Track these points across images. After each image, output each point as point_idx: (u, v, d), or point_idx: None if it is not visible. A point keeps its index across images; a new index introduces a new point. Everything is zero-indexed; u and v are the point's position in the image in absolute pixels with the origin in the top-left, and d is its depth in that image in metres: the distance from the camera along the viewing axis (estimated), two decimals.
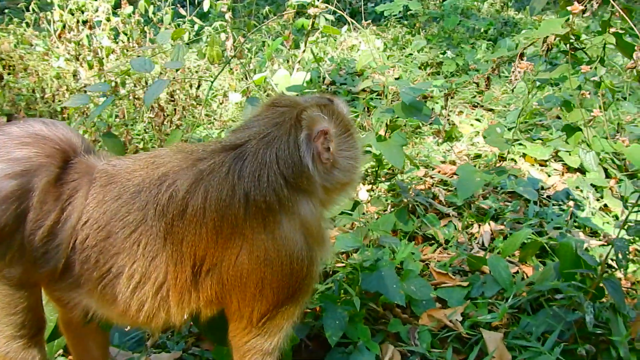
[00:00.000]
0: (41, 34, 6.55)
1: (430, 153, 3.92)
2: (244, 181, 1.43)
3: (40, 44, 6.05)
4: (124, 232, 1.44)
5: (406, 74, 5.84)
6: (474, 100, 5.14)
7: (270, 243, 1.44)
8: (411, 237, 2.91)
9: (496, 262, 2.39)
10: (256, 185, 1.43)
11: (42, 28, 6.61)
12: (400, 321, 2.25)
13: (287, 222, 1.46)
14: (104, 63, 5.33)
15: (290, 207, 1.46)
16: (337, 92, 5.41)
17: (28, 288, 1.48)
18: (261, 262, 1.44)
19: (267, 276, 1.46)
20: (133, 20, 6.60)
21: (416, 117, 2.76)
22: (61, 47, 6.24)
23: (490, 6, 9.21)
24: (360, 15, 9.74)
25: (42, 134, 1.48)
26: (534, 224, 2.92)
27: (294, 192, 1.48)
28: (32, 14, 6.57)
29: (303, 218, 1.49)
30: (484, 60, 6.43)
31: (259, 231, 1.43)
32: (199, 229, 1.43)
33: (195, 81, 5.16)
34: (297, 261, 1.47)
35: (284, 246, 1.45)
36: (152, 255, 1.45)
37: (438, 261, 2.71)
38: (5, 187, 1.35)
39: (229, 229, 1.43)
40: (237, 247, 1.44)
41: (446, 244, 2.87)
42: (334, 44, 7.33)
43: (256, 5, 8.82)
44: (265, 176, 1.44)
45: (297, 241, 1.47)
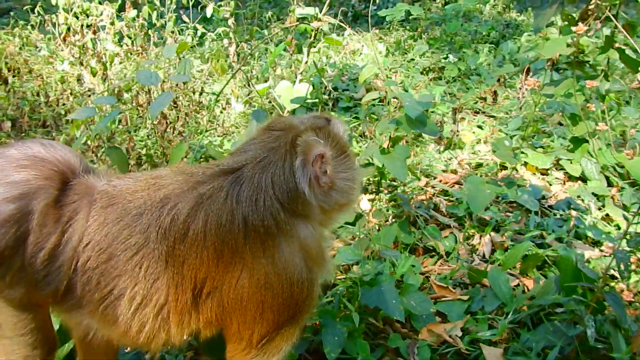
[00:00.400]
0: (46, 37, 6.58)
1: (432, 162, 3.92)
2: (242, 206, 1.46)
3: (45, 47, 6.08)
4: (126, 255, 1.46)
5: (408, 79, 5.84)
6: (476, 107, 5.13)
7: (270, 267, 1.45)
8: (412, 249, 2.92)
9: (496, 276, 2.40)
10: (254, 209, 1.45)
11: (48, 31, 6.64)
12: (400, 336, 2.26)
13: (286, 246, 1.47)
14: (108, 68, 5.34)
15: (289, 231, 1.48)
16: (339, 98, 5.41)
17: (33, 309, 1.50)
18: (261, 285, 1.46)
19: (267, 299, 1.47)
20: (137, 24, 6.63)
21: (421, 131, 2.77)
22: (66, 51, 6.27)
23: (492, 8, 9.20)
24: (363, 18, 9.77)
25: (40, 156, 1.50)
26: (535, 235, 2.92)
27: (291, 216, 1.50)
28: (37, 17, 6.60)
29: (302, 241, 1.51)
30: (486, 63, 6.43)
31: (258, 255, 1.45)
32: (200, 253, 1.44)
33: (198, 87, 5.17)
34: (297, 284, 1.49)
35: (284, 270, 1.46)
36: (154, 278, 1.46)
37: (439, 274, 2.71)
38: (4, 210, 1.37)
39: (230, 253, 1.45)
40: (238, 271, 1.46)
41: (447, 256, 2.88)
42: (336, 48, 7.32)
43: (260, 9, 8.83)
44: (262, 201, 1.46)
45: (296, 264, 1.48)
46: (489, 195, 2.44)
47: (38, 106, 4.61)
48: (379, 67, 5.88)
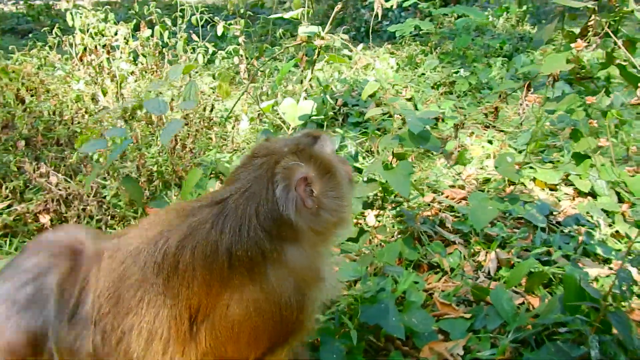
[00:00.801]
0: (63, 57, 6.74)
1: (439, 177, 3.90)
2: (226, 237, 1.48)
3: (62, 67, 6.22)
4: (130, 293, 1.52)
5: (418, 94, 5.85)
6: (486, 121, 5.11)
7: (259, 294, 1.47)
8: (416, 265, 2.90)
9: (499, 294, 2.37)
10: (237, 240, 1.47)
11: (65, 51, 6.81)
12: (401, 354, 2.24)
13: (274, 273, 1.48)
14: (121, 86, 5.45)
15: (276, 258, 1.49)
16: (349, 113, 5.44)
17: None
18: (252, 312, 1.47)
19: (259, 325, 1.49)
20: (151, 43, 6.77)
21: (424, 147, 2.77)
22: (82, 70, 6.42)
23: (506, 21, 9.19)
24: (376, 34, 9.83)
25: (48, 239, 1.62)
26: (541, 252, 2.89)
27: (279, 243, 1.50)
28: (55, 38, 6.78)
29: (292, 265, 1.52)
30: (498, 77, 6.41)
31: (246, 283, 1.47)
32: (191, 283, 1.48)
33: (209, 104, 5.25)
34: (287, 308, 1.50)
35: (272, 296, 1.48)
36: (155, 312, 1.51)
37: (442, 291, 2.69)
38: (22, 297, 1.49)
39: (217, 282, 1.48)
40: (227, 299, 1.48)
41: (452, 273, 2.85)
42: (348, 63, 7.36)
43: (273, 25, 8.95)
44: (245, 231, 1.48)
45: (285, 289, 1.49)
46: (491, 211, 2.42)
47: (53, 125, 4.70)
48: (387, 82, 5.91)
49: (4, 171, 3.93)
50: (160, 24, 6.21)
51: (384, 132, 5.04)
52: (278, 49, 7.37)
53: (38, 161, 3.97)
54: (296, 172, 1.54)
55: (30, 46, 6.81)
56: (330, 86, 5.80)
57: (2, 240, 3.42)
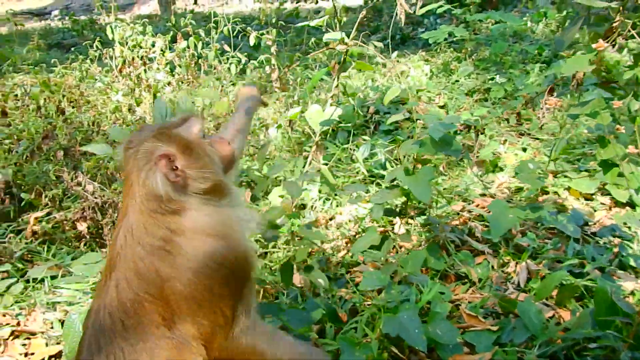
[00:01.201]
0: (104, 69, 6.98)
1: (470, 185, 3.83)
2: (136, 240, 1.63)
3: (101, 79, 6.44)
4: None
5: (451, 101, 5.77)
6: (520, 129, 4.99)
7: (191, 264, 1.61)
8: (443, 275, 2.85)
9: (527, 307, 2.30)
10: (143, 236, 1.63)
11: (105, 64, 7.06)
12: None
13: (187, 242, 1.63)
14: (156, 97, 5.59)
15: (179, 230, 1.64)
16: (380, 121, 5.41)
17: None
18: (196, 281, 1.60)
19: (211, 286, 1.63)
20: (187, 54, 6.93)
21: (446, 152, 2.74)
22: (121, 81, 6.63)
23: (545, 27, 8.98)
24: (411, 40, 9.77)
25: None
26: (574, 264, 2.79)
27: (172, 217, 1.65)
28: (96, 51, 7.03)
29: (196, 229, 1.66)
30: (536, 84, 6.26)
31: (174, 264, 1.60)
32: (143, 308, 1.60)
33: None
34: (221, 261, 1.64)
35: (202, 260, 1.62)
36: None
37: (469, 302, 2.63)
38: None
39: (158, 279, 1.60)
40: (173, 283, 1.60)
41: (479, 284, 2.79)
42: (376, 70, 7.34)
43: (308, 35, 9.02)
44: (140, 224, 1.64)
45: (204, 249, 1.63)
46: (511, 220, 2.36)
47: (91, 135, 4.86)
48: (420, 89, 5.85)
49: (44, 180, 4.09)
50: (195, 35, 6.35)
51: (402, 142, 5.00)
52: (310, 58, 7.42)
53: (76, 170, 4.10)
54: (155, 152, 1.66)
55: (73, 59, 7.08)
56: (357, 93, 5.79)
57: (41, 247, 3.55)
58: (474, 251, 3.04)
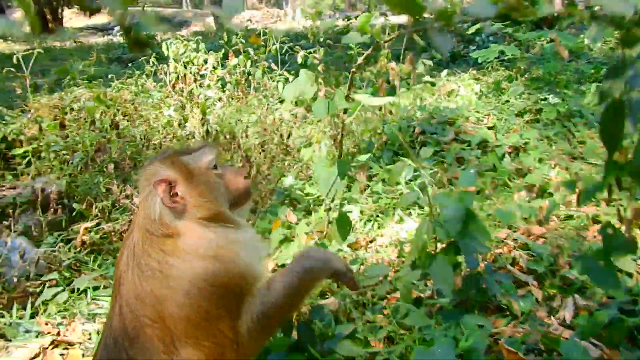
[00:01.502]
0: (158, 85, 7.23)
1: (517, 211, 3.70)
2: (137, 256, 1.71)
3: (154, 95, 6.66)
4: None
5: (501, 122, 5.62)
6: (574, 152, 4.79)
7: (184, 285, 1.65)
8: (483, 307, 2.75)
9: (572, 346, 2.18)
10: (142, 255, 1.70)
11: (160, 79, 7.31)
12: None
13: (180, 263, 1.67)
14: (206, 113, 5.72)
15: (172, 251, 1.69)
16: (426, 142, 5.33)
17: None
18: (191, 303, 1.63)
19: (206, 309, 1.65)
20: (238, 71, 7.08)
21: None
22: (174, 97, 6.84)
23: (604, 44, 8.66)
24: (462, 59, 9.62)
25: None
26: (626, 301, 2.62)
27: (170, 239, 1.71)
28: (152, 66, 7.30)
29: (191, 250, 1.70)
30: (592, 104, 6.02)
31: (167, 285, 1.64)
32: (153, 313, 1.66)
33: (286, 131, 5.37)
34: (213, 281, 1.66)
35: (194, 281, 1.65)
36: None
37: (510, 337, 2.52)
38: None
39: (155, 302, 1.65)
40: (170, 307, 1.64)
41: (522, 317, 2.67)
42: (431, 89, 7.25)
43: (360, 54, 9.03)
44: (140, 243, 1.72)
45: (199, 269, 1.67)
46: None
47: (141, 149, 5.02)
48: (469, 109, 5.73)
49: (95, 191, 4.25)
50: (244, 53, 6.49)
51: (463, 161, 4.89)
52: (360, 77, 7.42)
53: (125, 183, 4.25)
54: (156, 175, 1.77)
55: (129, 74, 7.38)
56: (404, 113, 5.74)
57: (88, 256, 3.68)
58: (517, 282, 2.91)
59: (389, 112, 6.21)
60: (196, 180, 1.81)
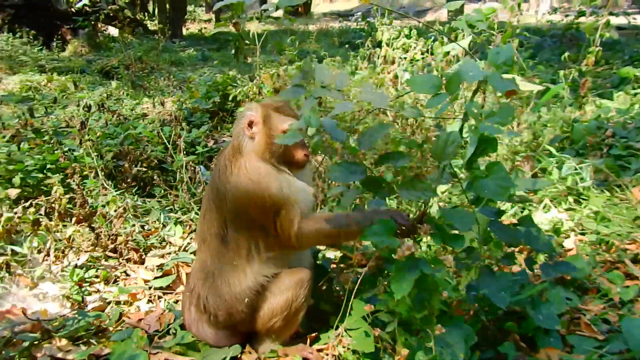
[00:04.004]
0: (369, 66, 8.08)
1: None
2: (223, 156, 2.58)
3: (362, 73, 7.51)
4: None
5: None
6: None
7: (234, 190, 2.44)
8: (583, 288, 2.89)
9: (631, 322, 2.30)
10: (225, 157, 2.54)
11: (373, 62, 8.15)
12: (514, 347, 2.39)
13: (237, 172, 2.45)
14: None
15: (236, 163, 2.46)
16: (613, 145, 5.13)
17: None
18: (237, 202, 2.45)
19: (246, 211, 2.46)
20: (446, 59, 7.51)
21: None
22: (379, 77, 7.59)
23: None
24: None
25: None
26: None
27: (240, 154, 2.49)
28: (367, 50, 8.19)
29: (244, 168, 2.43)
30: None
31: (227, 183, 2.46)
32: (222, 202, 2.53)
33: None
34: (255, 191, 2.40)
35: (240, 189, 2.43)
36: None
37: (596, 315, 2.67)
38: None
39: (221, 190, 2.51)
40: (231, 199, 2.47)
41: (620, 304, 2.76)
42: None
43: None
44: (227, 151, 2.59)
45: (249, 180, 2.41)
46: None
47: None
48: None
49: None
50: (440, 40, 6.87)
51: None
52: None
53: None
54: (248, 110, 2.52)
55: (354, 56, 8.39)
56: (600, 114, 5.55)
57: None
58: (630, 275, 2.96)
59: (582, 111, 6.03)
60: (268, 129, 2.47)
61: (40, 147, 4.86)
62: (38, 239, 3.63)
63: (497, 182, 2.06)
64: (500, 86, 2.02)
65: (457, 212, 2.18)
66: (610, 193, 4.07)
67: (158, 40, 11.25)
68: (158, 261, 3.67)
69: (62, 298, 3.20)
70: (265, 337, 2.60)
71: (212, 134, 6.31)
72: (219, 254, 2.52)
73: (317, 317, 2.77)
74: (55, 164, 4.59)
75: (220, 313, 2.53)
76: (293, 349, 2.58)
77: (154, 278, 3.48)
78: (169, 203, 4.53)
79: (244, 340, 2.67)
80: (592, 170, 4.31)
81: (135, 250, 3.76)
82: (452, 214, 2.16)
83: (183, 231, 4.09)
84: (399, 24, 9.13)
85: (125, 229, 3.89)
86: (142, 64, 10.58)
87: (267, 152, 2.48)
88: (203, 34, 21.72)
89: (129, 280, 3.52)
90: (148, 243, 3.91)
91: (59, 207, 3.85)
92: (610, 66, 9.92)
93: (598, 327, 2.58)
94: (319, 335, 2.67)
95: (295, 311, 2.51)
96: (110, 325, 2.91)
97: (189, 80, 8.94)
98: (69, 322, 2.84)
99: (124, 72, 9.99)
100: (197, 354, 2.60)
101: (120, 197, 4.30)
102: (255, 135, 2.49)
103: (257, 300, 2.51)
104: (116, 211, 3.95)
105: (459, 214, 2.16)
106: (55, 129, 5.43)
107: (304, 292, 2.50)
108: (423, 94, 2.06)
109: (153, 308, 3.16)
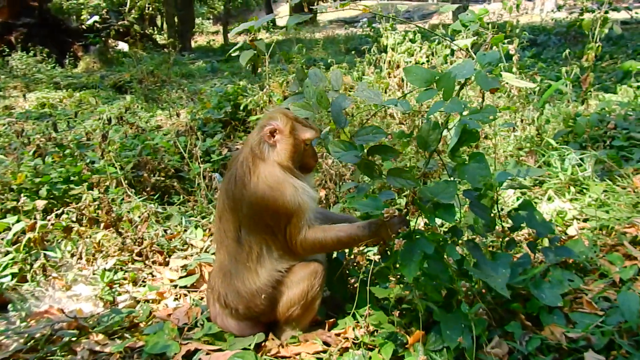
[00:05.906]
0: (376, 71, 8.27)
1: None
2: (240, 162, 2.67)
3: (370, 78, 7.70)
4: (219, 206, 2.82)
5: None
6: None
7: (251, 197, 2.56)
8: (585, 270, 3.05)
9: (627, 296, 2.45)
10: (240, 162, 2.66)
11: (380, 67, 8.33)
12: (520, 325, 2.56)
13: (255, 180, 2.57)
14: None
15: (255, 168, 2.59)
16: (615, 136, 5.28)
17: None
18: (254, 208, 2.58)
19: (267, 208, 2.57)
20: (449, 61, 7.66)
21: None
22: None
23: None
24: None
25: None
26: None
27: (258, 161, 2.61)
28: (373, 55, 8.36)
29: (261, 172, 2.57)
30: None
31: (244, 189, 2.59)
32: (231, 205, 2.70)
33: None
34: (270, 197, 2.53)
35: (257, 196, 2.55)
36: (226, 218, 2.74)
37: (597, 293, 2.82)
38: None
39: (237, 196, 2.64)
40: (245, 204, 2.61)
41: (620, 284, 2.91)
42: None
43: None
44: (244, 156, 2.67)
45: (265, 186, 2.54)
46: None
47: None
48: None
49: None
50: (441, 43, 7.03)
51: None
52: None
53: None
54: (270, 120, 2.63)
55: (360, 62, 8.57)
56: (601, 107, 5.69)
57: None
58: (629, 256, 3.11)
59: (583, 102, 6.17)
60: (290, 139, 2.61)
61: (64, 160, 5.10)
62: (71, 243, 3.86)
63: (477, 169, 2.35)
64: (484, 84, 2.24)
65: (439, 185, 2.43)
66: (613, 182, 4.21)
67: (168, 53, 11.56)
68: (182, 262, 3.88)
69: (94, 298, 3.42)
70: (286, 325, 2.78)
71: (225, 143, 6.53)
72: (234, 255, 2.70)
73: (333, 306, 2.96)
74: (78, 176, 4.83)
75: (240, 307, 2.73)
76: (313, 334, 2.76)
77: (178, 278, 3.68)
78: (188, 209, 4.75)
79: (267, 330, 2.85)
80: (593, 161, 4.44)
81: (159, 252, 3.98)
82: (435, 189, 2.41)
83: (203, 234, 4.29)
84: (405, 28, 9.30)
85: (149, 233, 4.11)
86: (153, 77, 10.88)
87: (289, 159, 2.63)
88: (211, 46, 22.10)
89: (155, 281, 3.73)
90: (171, 246, 4.12)
91: (89, 212, 4.08)
92: (615, 61, 10.07)
93: (599, 305, 2.73)
94: (337, 321, 2.85)
95: (312, 300, 2.69)
96: (142, 320, 3.12)
97: (200, 92, 9.21)
98: (103, 319, 3.06)
99: (137, 86, 10.30)
100: (224, 343, 2.79)
101: (144, 204, 4.52)
102: (277, 143, 2.62)
103: (274, 294, 2.70)
104: (140, 217, 4.17)
105: (441, 186, 2.41)
106: (77, 142, 5.68)
107: (319, 282, 2.68)
108: (416, 85, 2.26)
109: (180, 304, 3.36)
